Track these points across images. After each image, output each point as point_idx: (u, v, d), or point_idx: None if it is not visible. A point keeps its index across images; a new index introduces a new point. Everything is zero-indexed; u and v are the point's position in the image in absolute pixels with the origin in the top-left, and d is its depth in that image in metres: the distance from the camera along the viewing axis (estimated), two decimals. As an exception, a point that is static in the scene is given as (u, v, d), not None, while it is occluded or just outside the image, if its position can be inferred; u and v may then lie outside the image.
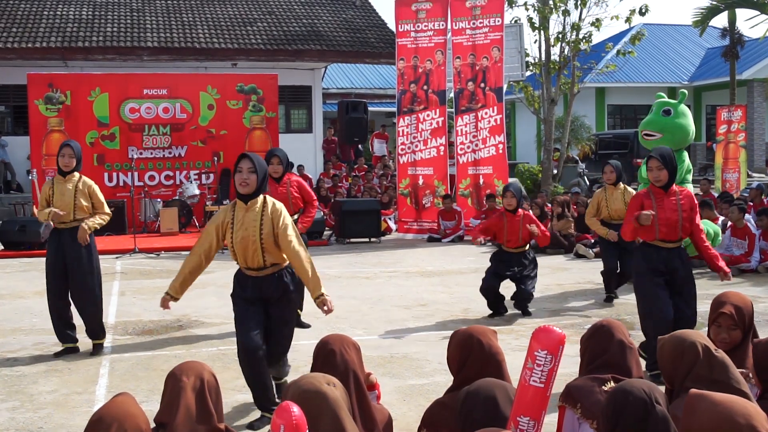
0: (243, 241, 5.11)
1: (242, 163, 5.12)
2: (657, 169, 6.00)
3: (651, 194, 6.11)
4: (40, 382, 6.32)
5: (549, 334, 3.10)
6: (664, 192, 6.05)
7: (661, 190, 6.05)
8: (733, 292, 4.36)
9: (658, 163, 5.99)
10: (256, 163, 5.12)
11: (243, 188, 5.12)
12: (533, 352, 3.08)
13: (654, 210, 5.98)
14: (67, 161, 7.18)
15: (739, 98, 27.80)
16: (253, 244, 5.11)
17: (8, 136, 20.63)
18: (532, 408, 3.05)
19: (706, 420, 2.51)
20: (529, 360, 3.08)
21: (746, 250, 11.31)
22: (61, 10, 21.39)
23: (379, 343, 7.44)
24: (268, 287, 5.20)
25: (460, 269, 11.95)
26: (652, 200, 6.07)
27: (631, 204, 6.19)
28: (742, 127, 20.03)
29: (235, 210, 5.18)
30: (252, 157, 5.14)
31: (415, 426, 3.72)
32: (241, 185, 5.11)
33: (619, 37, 32.36)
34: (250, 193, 5.14)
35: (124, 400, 2.95)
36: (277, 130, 18.25)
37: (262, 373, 5.14)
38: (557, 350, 3.07)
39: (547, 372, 3.05)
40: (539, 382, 3.04)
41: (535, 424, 3.05)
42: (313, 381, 3.10)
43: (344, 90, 31.35)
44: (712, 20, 25.91)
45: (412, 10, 16.37)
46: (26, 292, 10.05)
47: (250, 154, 5.18)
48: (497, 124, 15.88)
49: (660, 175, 6.00)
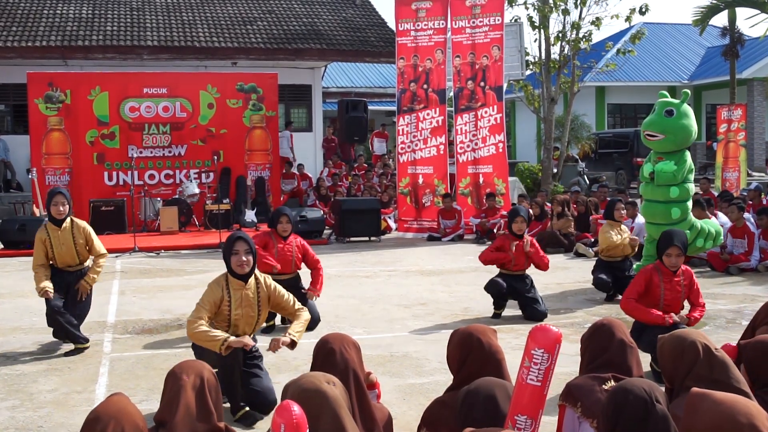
0: (244, 317, 5.43)
1: (238, 245, 5.36)
2: (676, 257, 6.16)
3: (659, 273, 6.22)
4: (40, 381, 6.32)
5: (546, 333, 3.11)
6: (673, 274, 6.19)
7: (670, 272, 6.19)
8: None
9: (679, 251, 6.15)
10: (251, 245, 5.43)
11: (241, 269, 5.37)
12: (530, 351, 3.09)
13: (662, 295, 6.14)
14: (60, 209, 7.23)
15: (739, 97, 27.79)
16: (251, 319, 5.49)
17: (8, 135, 20.62)
18: (529, 407, 3.05)
19: (708, 419, 2.51)
20: (526, 359, 3.09)
21: (746, 249, 11.32)
22: (61, 9, 21.38)
23: (379, 342, 7.43)
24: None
25: (459, 268, 11.95)
26: (659, 279, 6.21)
27: (639, 279, 6.27)
28: (742, 126, 20.03)
29: (230, 289, 5.41)
30: (247, 239, 5.42)
31: (415, 425, 3.72)
32: (239, 267, 5.37)
33: (619, 36, 32.35)
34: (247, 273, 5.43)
35: (120, 399, 2.97)
36: (276, 129, 18.26)
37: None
38: (554, 349, 3.08)
39: (544, 370, 3.06)
40: (536, 380, 3.05)
41: (532, 423, 3.05)
42: (313, 380, 3.10)
43: (344, 89, 31.36)
44: (712, 19, 25.92)
45: (412, 9, 16.36)
46: (26, 292, 10.04)
47: (244, 236, 5.44)
48: (497, 123, 15.88)
49: (678, 261, 6.17)
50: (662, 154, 9.30)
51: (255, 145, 17.53)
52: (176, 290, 10.12)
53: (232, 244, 5.36)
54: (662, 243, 6.22)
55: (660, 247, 6.25)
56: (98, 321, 8.31)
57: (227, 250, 5.38)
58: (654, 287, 6.17)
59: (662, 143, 9.13)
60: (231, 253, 5.35)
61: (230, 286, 5.38)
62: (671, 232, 6.30)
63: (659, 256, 6.24)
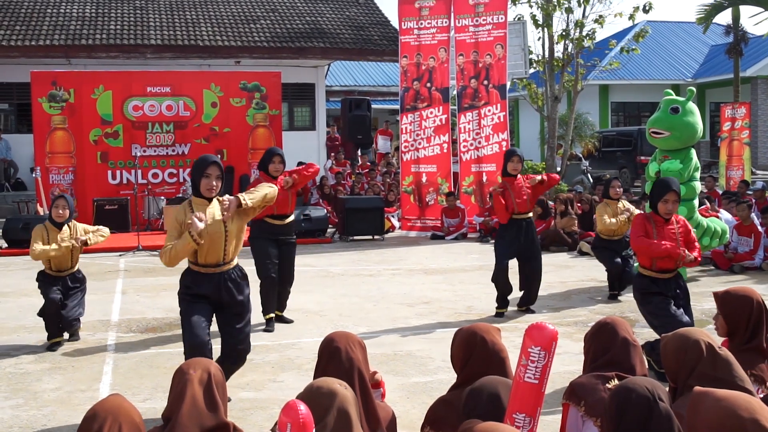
0: (211, 233, 5.22)
1: (211, 169, 5.27)
2: (673, 203, 6.06)
3: (651, 221, 6.13)
4: (44, 379, 6.33)
5: (542, 330, 3.12)
6: (665, 221, 6.11)
7: (662, 219, 6.10)
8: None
9: (676, 197, 6.05)
10: (222, 171, 5.35)
11: (209, 193, 5.28)
12: (527, 349, 3.09)
13: (654, 238, 6.03)
14: (61, 212, 7.45)
15: (742, 95, 27.72)
16: (219, 235, 5.26)
17: (12, 134, 20.65)
18: (527, 405, 3.06)
19: (711, 416, 2.51)
20: (523, 357, 3.09)
21: (751, 248, 11.30)
22: (64, 8, 21.39)
23: (383, 340, 7.44)
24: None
25: (463, 267, 11.95)
26: (652, 226, 6.11)
27: (637, 224, 6.19)
28: (746, 125, 20.00)
29: (193, 208, 5.28)
30: (220, 165, 5.34)
31: (419, 423, 3.72)
32: (209, 190, 5.27)
33: (623, 34, 32.27)
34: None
35: (117, 398, 3.00)
36: (280, 127, 18.25)
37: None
38: (550, 346, 3.09)
39: (541, 368, 3.06)
40: (534, 378, 3.06)
41: (530, 421, 3.05)
42: (327, 381, 3.10)
43: (347, 87, 31.35)
44: (716, 17, 25.81)
45: (415, 8, 16.36)
46: (30, 290, 10.03)
47: (217, 160, 5.36)
48: (500, 121, 15.87)
49: (674, 208, 6.08)
50: (667, 152, 9.30)
51: (258, 144, 17.50)
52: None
53: (205, 166, 5.26)
54: (658, 189, 6.08)
55: (655, 194, 6.10)
56: (102, 320, 8.33)
57: (198, 171, 5.27)
58: (648, 234, 6.06)
59: (668, 140, 9.12)
60: (202, 176, 5.25)
61: (193, 206, 5.29)
62: (667, 179, 6.19)
63: (654, 203, 6.10)
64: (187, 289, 5.35)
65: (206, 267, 5.31)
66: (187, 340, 5.23)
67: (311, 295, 9.69)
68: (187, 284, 5.37)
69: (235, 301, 5.37)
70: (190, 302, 5.31)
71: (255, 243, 7.89)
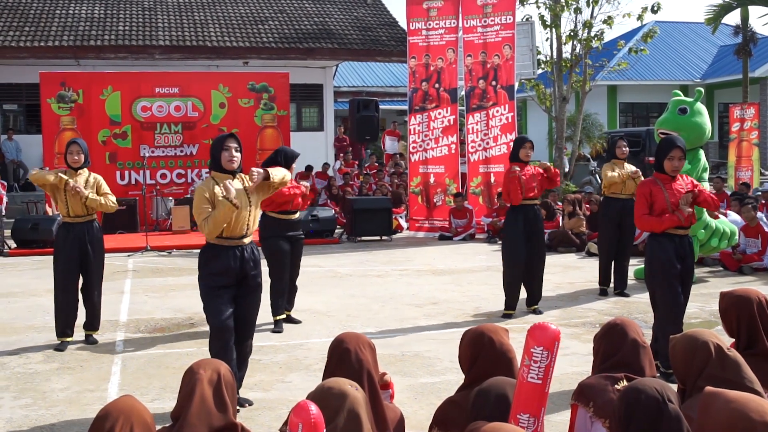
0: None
1: (229, 142, 5.38)
2: (679, 159, 6.04)
3: (657, 182, 6.12)
4: (53, 379, 6.35)
5: (544, 331, 3.12)
6: (672, 179, 6.08)
7: (669, 177, 6.08)
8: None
9: (681, 153, 6.03)
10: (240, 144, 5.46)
11: (230, 165, 5.38)
12: (529, 349, 3.09)
13: (667, 199, 5.99)
14: (75, 158, 7.39)
15: (751, 96, 27.63)
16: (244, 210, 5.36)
17: (21, 134, 20.73)
18: (531, 405, 3.06)
19: (721, 417, 2.50)
20: (526, 357, 3.09)
21: (759, 249, 11.27)
22: (73, 9, 21.48)
23: (391, 341, 7.43)
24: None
25: (471, 268, 11.94)
26: (661, 187, 6.09)
27: (640, 197, 6.17)
28: (755, 125, 19.94)
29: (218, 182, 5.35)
30: (238, 139, 5.46)
31: (427, 424, 3.72)
32: (229, 162, 5.37)
33: (631, 34, 32.20)
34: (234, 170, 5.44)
35: (129, 398, 3.02)
36: (288, 128, 18.27)
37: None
38: (553, 346, 3.08)
39: (544, 368, 3.06)
40: (537, 378, 3.06)
41: (534, 421, 3.05)
42: (338, 381, 3.10)
43: (355, 88, 31.34)
44: (725, 18, 25.77)
45: (423, 8, 16.36)
46: (39, 290, 10.09)
47: (235, 135, 5.50)
48: (509, 122, 15.86)
49: (680, 165, 6.06)
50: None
51: (266, 145, 17.52)
52: (188, 289, 10.14)
53: (223, 140, 5.38)
54: (664, 147, 6.07)
55: (661, 151, 6.08)
56: (110, 320, 8.34)
57: (218, 146, 5.38)
58: (657, 194, 6.05)
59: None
60: (222, 149, 5.35)
61: (217, 180, 5.37)
62: (672, 137, 6.21)
63: (659, 161, 6.08)
64: (210, 270, 5.39)
65: (230, 239, 5.38)
66: (212, 323, 5.36)
67: (319, 295, 9.70)
68: (209, 263, 5.41)
69: (253, 274, 5.48)
70: (213, 286, 5.37)
71: (268, 243, 7.88)
